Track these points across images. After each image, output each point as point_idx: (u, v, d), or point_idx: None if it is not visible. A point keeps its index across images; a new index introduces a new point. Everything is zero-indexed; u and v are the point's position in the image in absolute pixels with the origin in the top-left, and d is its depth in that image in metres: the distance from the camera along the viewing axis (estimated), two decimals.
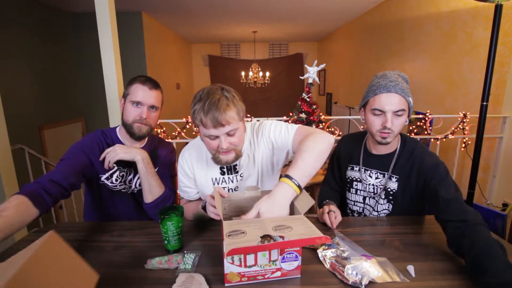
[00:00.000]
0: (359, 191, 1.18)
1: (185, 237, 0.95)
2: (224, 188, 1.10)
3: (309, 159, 0.85)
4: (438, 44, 2.82)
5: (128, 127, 1.13)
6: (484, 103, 1.76)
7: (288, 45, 7.74)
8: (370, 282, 0.74)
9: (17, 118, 3.04)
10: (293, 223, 0.76)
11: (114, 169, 1.15)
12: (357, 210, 1.21)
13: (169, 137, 2.33)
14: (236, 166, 1.07)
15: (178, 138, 2.36)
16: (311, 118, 2.42)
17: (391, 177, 1.09)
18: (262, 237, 0.69)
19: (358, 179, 1.18)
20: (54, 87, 3.83)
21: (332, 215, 1.04)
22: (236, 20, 5.02)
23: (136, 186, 1.21)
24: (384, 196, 1.12)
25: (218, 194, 0.89)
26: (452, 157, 2.51)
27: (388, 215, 1.13)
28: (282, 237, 0.69)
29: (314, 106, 2.44)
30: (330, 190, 1.28)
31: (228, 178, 1.09)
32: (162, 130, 2.39)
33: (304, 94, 2.44)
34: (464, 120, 2.30)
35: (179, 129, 2.36)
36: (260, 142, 1.07)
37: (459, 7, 2.52)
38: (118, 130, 1.22)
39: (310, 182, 2.51)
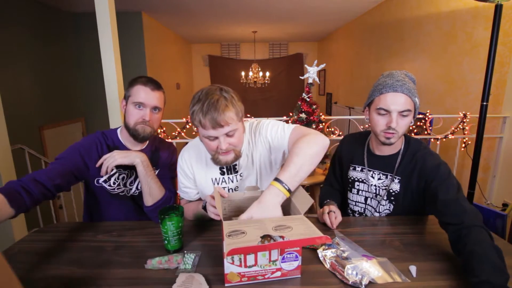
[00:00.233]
0: (361, 191, 1.18)
1: (185, 237, 0.95)
2: (224, 188, 1.09)
3: (300, 163, 0.84)
4: (438, 44, 2.82)
5: (131, 130, 1.11)
6: (484, 103, 1.76)
7: (288, 45, 7.74)
8: (370, 282, 0.74)
9: (17, 118, 3.04)
10: (293, 223, 0.76)
11: (113, 171, 1.14)
12: (358, 211, 1.20)
13: (169, 137, 2.33)
14: (235, 166, 1.07)
15: (178, 138, 2.36)
16: (311, 118, 2.42)
17: (394, 178, 1.08)
18: (262, 237, 0.69)
19: (361, 180, 1.17)
20: (54, 87, 3.83)
21: (332, 215, 1.04)
22: (236, 20, 5.02)
23: (138, 189, 1.20)
24: (386, 197, 1.11)
25: (218, 194, 0.89)
26: (452, 157, 2.51)
27: (389, 214, 1.13)
28: (282, 237, 0.69)
29: (314, 106, 2.44)
30: (331, 190, 1.28)
31: (228, 178, 1.09)
32: (162, 130, 2.39)
33: (304, 94, 2.44)
34: (464, 120, 2.30)
35: (179, 129, 2.36)
36: (257, 142, 1.06)
37: (459, 7, 2.52)
38: (119, 131, 1.19)
39: (310, 182, 2.51)
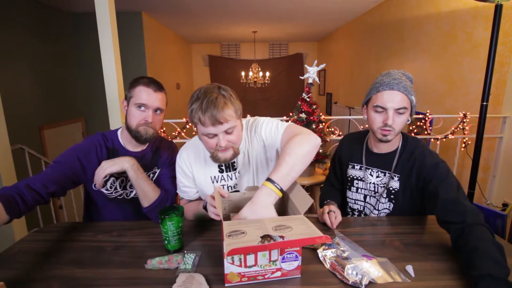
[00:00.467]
0: (360, 189, 1.19)
1: (185, 237, 0.95)
2: (223, 186, 1.10)
3: (292, 162, 0.85)
4: (438, 44, 2.81)
5: (133, 132, 1.09)
6: (484, 103, 1.76)
7: (288, 45, 7.74)
8: (370, 282, 0.74)
9: (17, 118, 3.04)
10: (293, 223, 0.76)
11: (107, 177, 1.12)
12: (357, 209, 1.21)
13: (169, 137, 2.33)
14: (234, 163, 1.08)
15: (178, 138, 2.36)
16: (311, 118, 2.42)
17: (394, 176, 1.10)
18: (262, 237, 0.69)
19: (359, 178, 1.18)
20: (54, 87, 3.83)
21: (332, 215, 1.04)
22: (236, 20, 5.02)
23: None
24: (385, 195, 1.12)
25: (219, 194, 0.89)
26: (452, 157, 2.50)
27: (388, 214, 1.13)
28: (282, 237, 0.69)
29: (314, 106, 2.44)
30: (331, 190, 1.29)
31: (227, 175, 1.09)
32: (162, 130, 2.39)
33: (304, 94, 2.44)
34: (464, 120, 2.30)
35: (179, 129, 2.36)
36: (253, 139, 1.07)
37: (459, 7, 2.52)
38: (119, 132, 1.18)
39: (310, 182, 2.51)
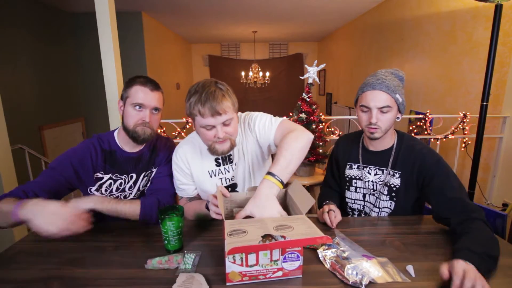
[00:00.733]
0: (358, 188, 1.19)
1: (185, 237, 0.95)
2: (221, 179, 1.12)
3: (289, 157, 0.90)
4: (438, 44, 2.81)
5: (130, 132, 1.07)
6: (484, 103, 1.76)
7: (288, 45, 7.74)
8: (370, 282, 0.74)
9: (17, 118, 3.04)
10: (294, 223, 0.76)
11: (103, 180, 1.10)
12: (357, 208, 1.21)
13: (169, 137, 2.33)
14: (230, 156, 1.11)
15: (178, 138, 2.36)
16: (311, 118, 2.42)
17: (395, 173, 1.11)
18: (263, 236, 0.69)
19: (357, 177, 1.19)
20: (54, 87, 3.83)
21: (332, 214, 1.05)
22: (236, 20, 5.02)
23: (139, 189, 1.17)
24: (386, 193, 1.12)
25: (221, 193, 0.90)
26: (452, 157, 2.51)
27: (390, 213, 1.13)
28: (284, 236, 0.69)
29: (314, 106, 2.44)
30: (330, 191, 1.29)
31: (224, 168, 1.12)
32: (162, 130, 2.39)
33: (304, 94, 2.44)
34: (464, 120, 2.30)
35: (179, 129, 2.36)
36: (247, 133, 1.10)
37: (459, 7, 2.52)
38: (116, 133, 1.15)
39: (310, 182, 2.51)
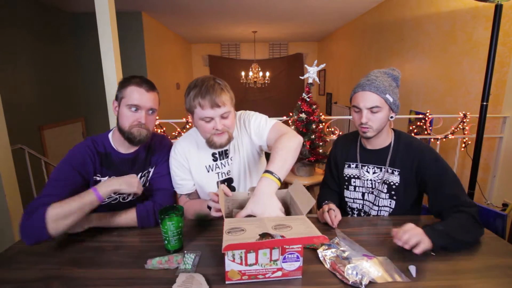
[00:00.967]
0: (357, 187, 1.20)
1: (185, 237, 0.95)
2: (217, 174, 1.16)
3: (285, 156, 0.95)
4: (438, 44, 2.81)
5: (126, 133, 1.04)
6: (484, 103, 1.76)
7: (288, 45, 7.74)
8: (370, 282, 0.74)
9: (17, 118, 3.04)
10: (293, 223, 0.76)
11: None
12: (356, 207, 1.22)
13: (169, 137, 2.32)
14: (227, 151, 1.15)
15: (178, 138, 2.35)
16: (311, 118, 2.42)
17: (394, 171, 1.11)
18: (261, 235, 0.70)
19: (356, 176, 1.20)
20: (54, 87, 3.83)
21: (332, 213, 1.05)
22: (236, 20, 5.01)
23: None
24: (386, 191, 1.13)
25: (222, 192, 0.92)
26: (452, 157, 2.50)
27: (391, 213, 1.13)
28: (283, 236, 0.69)
29: (314, 106, 2.44)
30: (329, 191, 1.30)
31: (221, 163, 1.16)
32: (162, 130, 2.39)
33: (304, 94, 2.44)
34: (464, 120, 2.30)
35: (179, 129, 2.36)
36: (242, 130, 1.16)
37: (459, 7, 2.52)
38: (111, 135, 1.12)
39: (310, 182, 2.51)
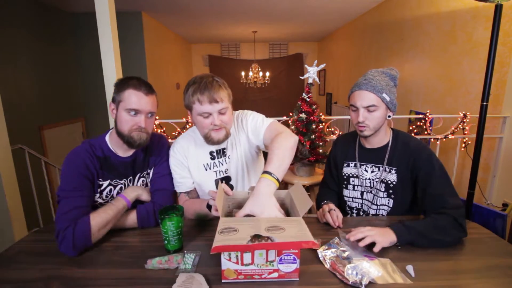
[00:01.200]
0: (356, 186, 1.20)
1: (185, 237, 0.95)
2: (215, 172, 1.18)
3: (282, 155, 0.96)
4: (438, 44, 2.81)
5: (126, 137, 1.03)
6: (484, 103, 1.76)
7: (288, 45, 7.74)
8: (370, 282, 0.74)
9: (17, 118, 3.04)
10: (287, 225, 0.77)
11: (103, 186, 1.07)
12: (355, 207, 1.22)
13: (169, 137, 2.33)
14: (224, 149, 1.18)
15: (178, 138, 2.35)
16: (311, 118, 2.42)
17: (391, 170, 1.12)
18: (252, 236, 0.70)
19: (355, 175, 1.20)
20: (54, 87, 3.82)
21: (334, 213, 1.05)
22: (236, 20, 5.01)
23: None
24: (383, 189, 1.13)
25: (222, 190, 0.92)
26: (452, 157, 2.50)
27: (389, 212, 1.14)
28: (268, 238, 0.70)
29: (314, 106, 2.44)
30: (328, 191, 1.30)
31: (219, 161, 1.18)
32: (162, 130, 2.39)
33: (304, 94, 2.43)
34: (464, 120, 2.29)
35: (179, 129, 2.36)
36: (240, 129, 1.18)
37: (459, 7, 2.52)
38: (108, 138, 1.09)
39: (310, 182, 2.51)
